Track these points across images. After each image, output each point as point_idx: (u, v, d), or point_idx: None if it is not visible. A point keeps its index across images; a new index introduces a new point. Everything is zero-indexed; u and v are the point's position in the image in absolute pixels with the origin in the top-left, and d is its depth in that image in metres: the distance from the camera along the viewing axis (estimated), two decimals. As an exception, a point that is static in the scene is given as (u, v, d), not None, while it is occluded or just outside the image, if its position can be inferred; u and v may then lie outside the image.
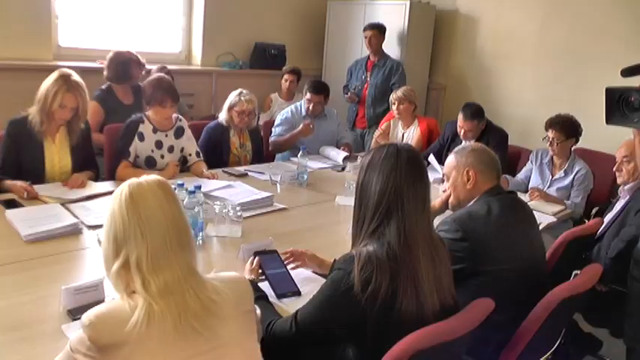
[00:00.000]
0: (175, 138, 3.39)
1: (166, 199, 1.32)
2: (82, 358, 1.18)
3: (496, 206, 2.10)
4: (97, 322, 1.18)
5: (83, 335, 1.18)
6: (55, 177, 2.98)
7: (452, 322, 1.55)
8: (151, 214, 1.28)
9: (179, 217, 1.33)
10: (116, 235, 1.27)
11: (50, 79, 2.87)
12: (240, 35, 5.70)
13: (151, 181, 1.35)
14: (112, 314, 1.20)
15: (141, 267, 1.24)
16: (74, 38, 4.75)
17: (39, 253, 2.18)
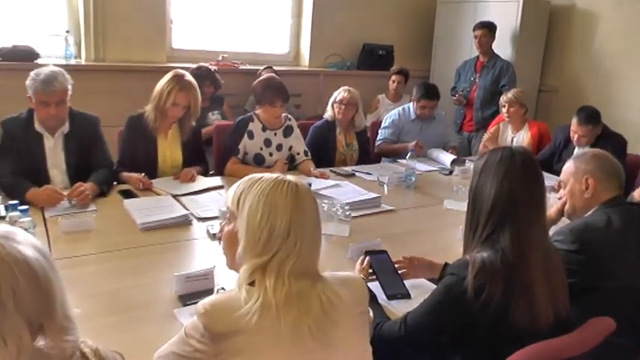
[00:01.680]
0: (284, 137, 3.48)
1: (315, 202, 1.34)
2: (196, 343, 1.22)
3: (617, 218, 1.95)
4: (212, 311, 1.21)
5: (198, 322, 1.22)
6: (167, 171, 3.17)
7: (568, 339, 1.47)
8: (309, 218, 1.30)
9: (319, 222, 1.35)
10: (273, 230, 1.25)
11: (165, 79, 3.07)
12: (348, 36, 5.77)
13: (303, 182, 1.36)
14: (226, 304, 1.23)
15: (282, 269, 1.25)
16: (186, 41, 5.03)
17: (153, 240, 2.34)
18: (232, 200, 1.33)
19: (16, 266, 0.93)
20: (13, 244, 0.96)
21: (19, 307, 0.92)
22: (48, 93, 2.68)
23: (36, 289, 0.95)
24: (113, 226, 2.46)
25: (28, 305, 0.94)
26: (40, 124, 2.82)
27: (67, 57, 4.32)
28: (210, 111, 4.43)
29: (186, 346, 1.24)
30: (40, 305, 0.96)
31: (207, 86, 4.37)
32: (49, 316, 0.98)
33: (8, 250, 0.94)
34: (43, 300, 0.97)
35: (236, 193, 1.33)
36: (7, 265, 0.93)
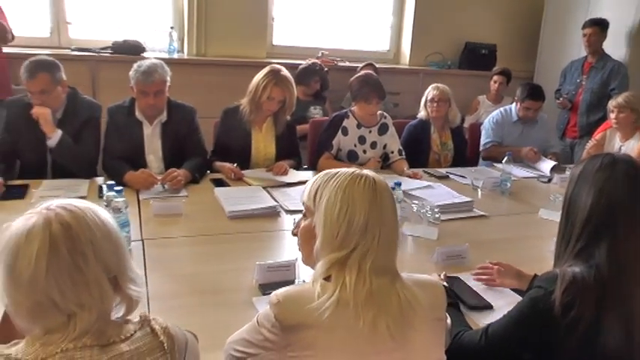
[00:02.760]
0: (379, 134, 3.45)
1: (393, 197, 1.32)
2: (267, 333, 1.22)
3: None
4: (285, 302, 1.21)
5: (270, 312, 1.22)
6: (260, 163, 3.24)
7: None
8: (386, 213, 1.27)
9: (397, 217, 1.32)
10: (351, 224, 1.23)
11: (261, 73, 3.14)
12: (450, 34, 5.63)
13: (381, 178, 1.33)
14: (300, 296, 1.22)
15: (363, 265, 1.23)
16: (286, 37, 5.12)
17: (239, 229, 2.40)
18: (308, 195, 1.32)
19: (93, 223, 1.06)
20: (83, 204, 1.09)
21: (98, 258, 1.04)
22: (147, 83, 2.85)
23: (110, 243, 1.07)
24: (202, 212, 2.54)
25: (104, 257, 1.05)
26: (140, 113, 2.99)
27: (170, 51, 4.54)
28: (313, 105, 4.48)
29: (257, 335, 1.25)
30: (114, 258, 1.08)
31: (315, 82, 4.43)
32: (121, 268, 1.09)
33: (85, 211, 1.07)
34: (115, 254, 1.09)
35: (312, 188, 1.32)
36: (85, 221, 1.05)
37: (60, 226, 1.01)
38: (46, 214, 1.02)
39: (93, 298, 1.02)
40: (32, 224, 1.01)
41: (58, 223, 1.01)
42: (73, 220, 1.02)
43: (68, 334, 1.00)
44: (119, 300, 1.10)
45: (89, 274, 1.02)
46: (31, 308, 1.01)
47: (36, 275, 0.98)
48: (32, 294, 0.99)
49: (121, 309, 1.11)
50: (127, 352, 1.04)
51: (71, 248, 1.00)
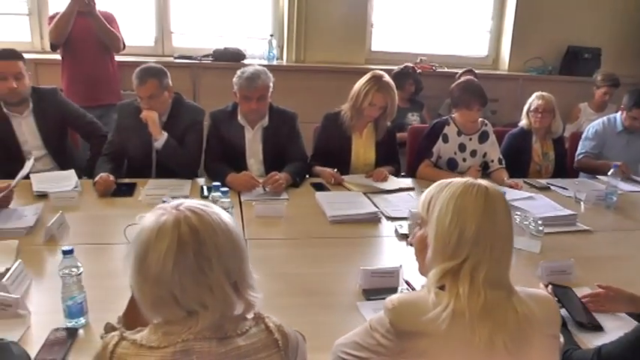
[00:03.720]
0: (479, 142, 3.41)
1: (507, 207, 1.31)
2: (380, 338, 1.24)
3: None
4: (400, 308, 1.23)
5: (384, 317, 1.24)
6: (359, 168, 3.28)
7: None
8: (500, 224, 1.26)
9: (511, 229, 1.30)
10: (463, 234, 1.23)
11: (363, 79, 3.17)
12: (552, 38, 5.41)
13: (497, 187, 1.32)
14: (415, 304, 1.23)
15: (476, 277, 1.22)
16: (385, 43, 5.14)
17: (341, 233, 2.44)
18: (422, 205, 1.34)
19: (219, 230, 1.10)
20: (213, 209, 1.14)
21: (221, 263, 1.08)
22: (250, 89, 2.96)
23: (232, 247, 1.11)
24: (303, 216, 2.60)
25: (227, 263, 1.09)
26: (242, 117, 3.11)
27: (269, 58, 4.68)
28: (410, 112, 4.49)
29: (369, 339, 1.27)
30: (235, 263, 1.12)
31: (409, 84, 4.43)
32: (241, 273, 1.13)
33: (210, 214, 1.11)
34: (237, 258, 1.13)
35: (426, 198, 1.34)
36: (210, 224, 1.09)
37: (188, 228, 1.06)
38: (176, 214, 1.08)
39: (216, 300, 1.07)
40: (163, 222, 1.07)
41: (186, 225, 1.07)
42: (200, 224, 1.08)
43: (190, 327, 1.06)
44: (239, 303, 1.14)
45: (212, 278, 1.07)
46: (154, 300, 1.08)
47: (162, 271, 1.05)
48: (156, 288, 1.06)
49: (239, 309, 1.16)
50: (243, 347, 1.10)
51: (197, 252, 1.06)
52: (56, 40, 3.81)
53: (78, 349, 1.56)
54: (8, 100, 3.05)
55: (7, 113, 3.08)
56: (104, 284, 1.82)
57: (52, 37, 3.81)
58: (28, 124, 3.13)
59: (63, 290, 1.62)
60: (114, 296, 1.79)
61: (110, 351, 1.08)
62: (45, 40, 4.50)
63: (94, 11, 3.78)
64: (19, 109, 3.10)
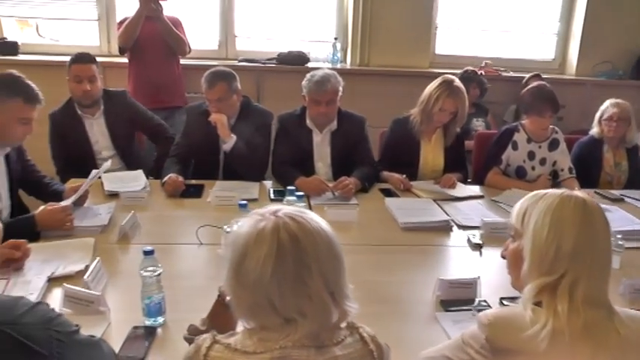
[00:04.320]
0: (549, 150, 3.29)
1: (606, 220, 1.25)
2: (474, 353, 1.21)
3: None
4: (497, 324, 1.19)
5: (479, 333, 1.21)
6: (427, 174, 3.23)
7: None
8: (598, 238, 1.21)
9: (609, 243, 1.26)
10: (560, 248, 1.19)
11: (434, 84, 3.12)
12: (623, 41, 5.18)
13: (593, 200, 1.27)
14: (512, 320, 1.20)
15: (574, 294, 1.17)
16: (449, 46, 5.05)
17: (413, 240, 2.39)
18: (517, 217, 1.29)
19: (318, 235, 1.08)
20: (309, 216, 1.11)
21: (320, 273, 1.06)
22: (320, 93, 2.96)
23: (332, 257, 1.09)
24: (374, 222, 2.57)
25: (326, 270, 1.07)
26: (310, 121, 3.12)
27: (333, 61, 4.66)
28: (475, 117, 4.40)
29: (461, 354, 1.24)
30: (334, 272, 1.09)
31: (473, 88, 4.35)
32: (339, 284, 1.10)
33: (309, 222, 1.09)
34: (336, 268, 1.10)
35: (520, 210, 1.29)
36: (311, 233, 1.07)
37: (288, 235, 1.04)
38: (275, 220, 1.06)
39: (315, 309, 1.05)
40: (262, 227, 1.05)
41: (286, 232, 1.05)
42: (301, 232, 1.06)
43: (288, 334, 1.04)
44: (336, 313, 1.11)
45: (312, 287, 1.04)
46: (250, 306, 1.07)
47: (260, 278, 1.03)
48: (254, 294, 1.05)
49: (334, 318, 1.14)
50: (340, 357, 1.08)
51: (297, 259, 1.04)
52: (125, 44, 3.91)
53: (157, 348, 1.58)
54: (82, 101, 3.15)
55: (80, 114, 3.19)
56: (177, 284, 1.84)
57: (121, 41, 3.92)
58: (99, 125, 3.23)
59: (143, 289, 1.64)
60: (187, 296, 1.82)
61: (203, 354, 1.07)
62: (112, 44, 4.63)
63: (161, 16, 3.87)
64: (91, 111, 3.20)
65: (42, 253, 2.06)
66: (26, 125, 2.45)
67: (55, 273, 1.96)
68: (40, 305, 1.10)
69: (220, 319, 1.37)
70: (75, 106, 3.18)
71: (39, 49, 4.67)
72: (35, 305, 1.09)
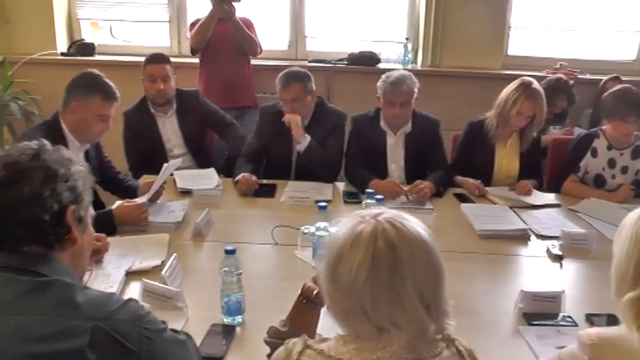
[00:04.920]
0: (631, 158, 3.11)
1: None
2: None
3: None
4: (601, 346, 1.15)
5: (580, 353, 1.17)
6: (501, 180, 3.13)
7: None
8: None
9: None
10: (638, 263, 1.17)
11: (512, 86, 3.02)
12: None
13: None
14: (616, 342, 1.15)
15: None
16: (522, 47, 4.88)
17: (490, 249, 2.31)
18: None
19: (418, 249, 1.03)
20: (410, 223, 1.06)
21: (415, 285, 1.01)
22: (395, 94, 2.92)
23: (429, 269, 1.04)
24: (450, 228, 2.51)
25: (422, 282, 1.02)
26: (384, 123, 3.08)
27: (404, 62, 4.59)
28: (553, 124, 4.19)
29: None
30: (431, 285, 1.04)
31: (562, 100, 4.11)
32: (436, 297, 1.05)
33: (409, 229, 1.04)
34: (433, 281, 1.05)
35: (619, 228, 1.27)
36: (409, 241, 1.03)
37: (385, 243, 1.01)
38: (375, 225, 1.03)
39: (408, 321, 1.01)
40: (360, 231, 1.03)
41: (383, 239, 1.01)
42: (398, 240, 1.02)
43: (385, 346, 1.01)
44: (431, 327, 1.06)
45: (405, 298, 1.01)
46: (343, 309, 1.05)
47: (354, 283, 1.01)
48: (347, 298, 1.03)
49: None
50: None
51: (392, 269, 1.01)
52: (197, 45, 3.98)
53: (235, 347, 1.58)
54: (156, 100, 3.23)
55: (153, 113, 3.27)
56: (252, 284, 1.84)
57: (194, 42, 3.99)
58: (172, 123, 3.31)
59: (223, 287, 1.65)
60: (264, 297, 1.82)
61: (295, 358, 1.06)
62: (182, 45, 4.74)
63: (233, 17, 3.92)
64: (164, 109, 3.27)
65: (119, 248, 2.12)
66: (104, 122, 2.55)
67: (132, 267, 2.01)
68: (131, 302, 1.12)
69: (302, 320, 1.36)
70: (148, 104, 3.26)
71: (112, 50, 4.85)
72: (126, 302, 1.11)
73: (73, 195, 1.17)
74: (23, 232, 1.10)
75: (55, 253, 1.14)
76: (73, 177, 1.17)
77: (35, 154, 1.14)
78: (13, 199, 1.09)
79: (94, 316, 1.03)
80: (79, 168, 1.21)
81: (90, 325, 1.02)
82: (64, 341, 1.00)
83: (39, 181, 1.11)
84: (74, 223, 1.17)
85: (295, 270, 2.07)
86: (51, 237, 1.13)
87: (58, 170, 1.15)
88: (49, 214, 1.11)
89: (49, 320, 1.02)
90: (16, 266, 1.09)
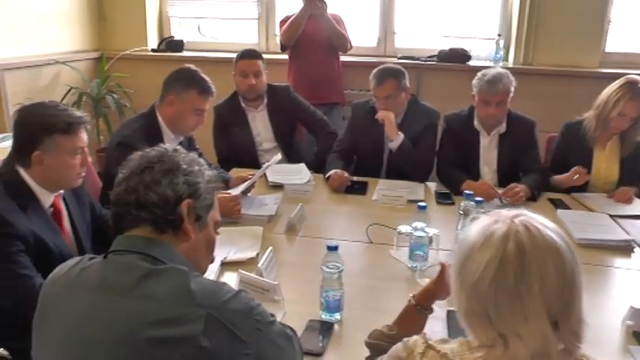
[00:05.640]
0: None
1: None
2: None
3: None
4: None
5: None
6: (598, 186, 2.97)
7: None
8: None
9: None
10: None
11: (614, 85, 2.86)
12: None
13: None
14: None
15: None
16: (621, 43, 4.58)
17: (591, 259, 2.19)
18: None
19: (549, 252, 0.97)
20: (547, 230, 0.99)
21: (543, 293, 0.95)
22: (491, 93, 2.83)
23: (562, 282, 0.97)
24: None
25: (551, 294, 0.95)
26: (478, 122, 3.01)
27: (495, 59, 4.44)
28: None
29: None
30: (561, 299, 0.97)
31: None
32: (566, 313, 0.98)
33: (545, 236, 0.98)
34: (565, 293, 0.97)
35: None
36: (541, 248, 0.97)
37: (515, 247, 0.97)
38: (509, 226, 0.99)
39: (530, 333, 0.96)
40: (492, 232, 0.99)
41: (514, 243, 0.97)
42: (530, 245, 0.97)
43: (509, 358, 0.97)
44: (559, 345, 0.98)
45: (529, 307, 0.95)
46: (467, 310, 1.02)
47: (479, 283, 0.98)
48: (471, 299, 1.00)
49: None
50: None
51: (518, 274, 0.96)
52: (288, 42, 4.02)
53: (333, 344, 1.58)
54: (247, 95, 3.29)
55: (244, 107, 3.33)
56: (347, 281, 1.78)
57: (285, 39, 4.03)
58: (262, 117, 3.36)
59: (323, 283, 1.66)
60: (360, 295, 1.83)
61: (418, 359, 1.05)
62: (270, 42, 4.82)
63: (325, 13, 3.93)
64: (254, 104, 3.33)
65: (213, 237, 2.16)
66: (199, 116, 2.62)
67: (227, 257, 2.05)
68: (242, 293, 1.14)
69: (410, 325, 1.34)
70: (239, 99, 3.33)
71: (200, 46, 5.02)
72: (238, 293, 1.13)
73: (191, 190, 1.21)
74: (140, 214, 1.17)
75: (169, 240, 1.18)
76: (194, 174, 1.23)
77: (166, 152, 1.24)
78: (137, 183, 1.17)
79: (208, 304, 1.06)
80: (205, 171, 1.28)
81: (204, 313, 1.04)
82: (179, 327, 1.03)
83: (161, 172, 1.19)
84: (188, 217, 1.20)
85: (391, 270, 2.06)
86: (161, 221, 1.17)
87: (181, 165, 1.22)
88: (163, 201, 1.17)
89: (165, 306, 1.06)
90: (134, 249, 1.14)
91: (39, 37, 4.22)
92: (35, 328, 1.17)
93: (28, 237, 1.75)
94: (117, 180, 1.21)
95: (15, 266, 1.71)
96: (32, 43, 4.15)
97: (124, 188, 1.18)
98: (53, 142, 1.82)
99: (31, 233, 1.77)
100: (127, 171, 1.21)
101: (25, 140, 1.82)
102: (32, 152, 1.80)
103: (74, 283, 1.14)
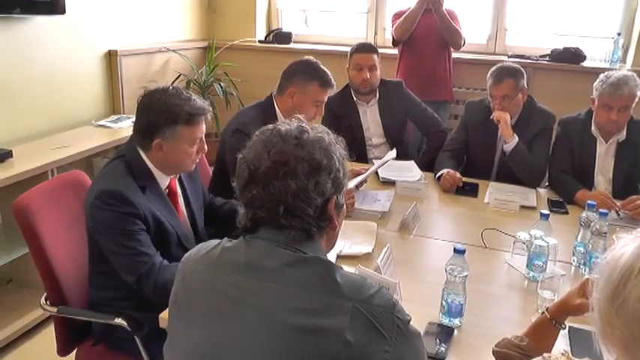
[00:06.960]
0: None
1: None
2: None
3: None
4: None
5: None
6: None
7: None
8: None
9: None
10: None
11: None
12: None
13: None
14: None
15: None
16: None
17: None
18: None
19: None
20: None
21: None
22: (614, 97, 2.65)
23: None
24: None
25: None
26: (596, 128, 2.83)
27: (612, 61, 4.18)
28: None
29: None
30: None
31: None
32: None
33: None
34: None
35: None
36: None
37: None
38: None
39: None
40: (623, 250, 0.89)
41: None
42: None
43: None
44: None
45: None
46: (622, 338, 0.89)
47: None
48: (631, 327, 0.88)
49: None
50: None
51: None
52: (401, 37, 3.97)
53: (453, 350, 1.55)
54: (360, 89, 3.28)
55: (355, 101, 3.32)
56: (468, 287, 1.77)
57: (398, 34, 3.98)
58: (373, 112, 3.35)
59: (446, 286, 1.63)
60: (478, 301, 1.77)
61: None
62: (378, 36, 4.79)
63: (441, 8, 3.84)
64: (366, 98, 3.32)
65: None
66: (318, 107, 2.63)
67: (342, 251, 2.06)
68: (383, 289, 1.11)
69: (543, 340, 1.28)
70: (351, 92, 3.32)
71: (307, 39, 5.06)
72: (380, 289, 1.10)
73: (335, 185, 1.16)
74: (288, 220, 1.12)
75: (316, 236, 1.17)
76: (334, 167, 1.15)
77: (298, 142, 1.14)
78: (281, 191, 1.10)
79: (354, 297, 1.04)
80: (337, 150, 1.18)
81: (350, 305, 1.03)
82: (326, 317, 1.02)
83: (304, 175, 1.11)
84: (335, 212, 1.18)
85: (507, 277, 2.01)
86: (313, 229, 1.14)
87: (322, 161, 1.13)
88: (313, 208, 1.12)
89: (312, 294, 1.04)
90: (279, 240, 1.12)
91: (153, 26, 4.41)
92: (177, 305, 1.18)
93: (148, 217, 1.83)
94: (244, 173, 1.15)
95: (137, 244, 1.78)
96: (146, 32, 4.35)
97: (266, 193, 1.11)
98: (174, 132, 1.84)
99: (150, 213, 1.84)
100: (259, 165, 1.13)
101: (147, 126, 1.86)
102: (153, 138, 1.84)
103: (217, 263, 1.14)
